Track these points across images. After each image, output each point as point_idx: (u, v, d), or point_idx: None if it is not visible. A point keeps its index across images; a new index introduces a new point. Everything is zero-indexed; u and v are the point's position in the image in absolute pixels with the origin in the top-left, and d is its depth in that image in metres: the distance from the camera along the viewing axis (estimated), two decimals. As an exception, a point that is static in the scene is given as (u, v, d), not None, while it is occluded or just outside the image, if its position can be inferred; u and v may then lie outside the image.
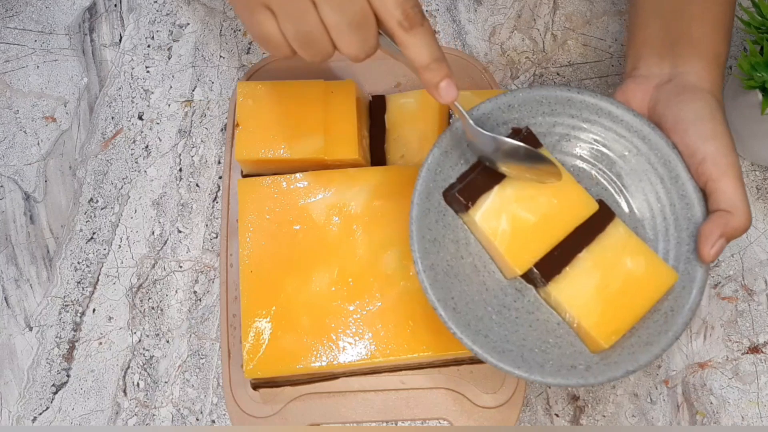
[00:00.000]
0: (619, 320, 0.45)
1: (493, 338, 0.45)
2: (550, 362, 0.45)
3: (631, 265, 0.46)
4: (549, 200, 0.47)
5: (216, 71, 0.66)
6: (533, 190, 0.47)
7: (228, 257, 0.59)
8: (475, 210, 0.46)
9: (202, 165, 0.63)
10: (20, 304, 0.59)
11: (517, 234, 0.46)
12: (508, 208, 0.46)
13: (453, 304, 0.45)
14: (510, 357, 0.44)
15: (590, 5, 0.68)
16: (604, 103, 0.49)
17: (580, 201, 0.47)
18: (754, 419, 0.56)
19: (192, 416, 0.57)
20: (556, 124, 0.50)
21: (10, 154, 0.64)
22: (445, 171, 0.48)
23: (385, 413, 0.56)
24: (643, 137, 0.49)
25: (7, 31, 0.67)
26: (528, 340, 0.46)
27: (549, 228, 0.46)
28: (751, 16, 0.55)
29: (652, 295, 0.46)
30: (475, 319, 0.45)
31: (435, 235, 0.47)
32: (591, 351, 0.46)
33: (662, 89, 0.49)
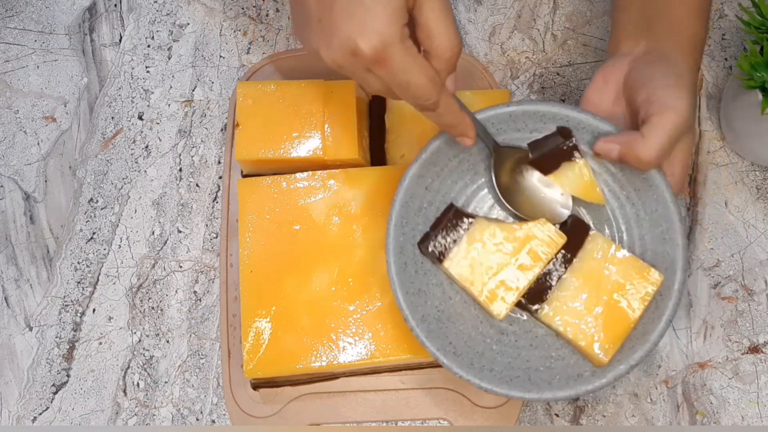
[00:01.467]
0: (613, 332, 0.46)
1: (498, 369, 0.46)
2: (557, 377, 0.46)
3: (617, 274, 0.47)
4: (518, 239, 0.47)
5: (216, 71, 0.66)
6: (502, 230, 0.48)
7: (228, 257, 0.59)
8: (449, 261, 0.47)
9: (202, 165, 0.63)
10: (20, 304, 0.59)
11: (493, 278, 0.47)
12: (480, 252, 0.47)
13: (452, 349, 0.46)
14: (518, 383, 0.45)
15: (590, 5, 0.68)
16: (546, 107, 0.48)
17: (548, 235, 0.48)
18: (754, 419, 0.56)
19: (192, 416, 0.57)
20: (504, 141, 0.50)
21: (10, 154, 0.64)
22: (412, 220, 0.48)
23: (385, 413, 0.56)
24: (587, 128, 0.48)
25: (7, 31, 0.67)
26: (532, 360, 0.47)
27: (524, 265, 0.47)
28: (751, 16, 0.55)
29: (641, 300, 0.46)
30: (477, 356, 0.46)
31: (418, 285, 0.48)
32: (593, 365, 0.46)
33: (637, 60, 0.50)
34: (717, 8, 0.67)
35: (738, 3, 0.67)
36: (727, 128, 0.61)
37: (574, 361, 0.47)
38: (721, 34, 0.66)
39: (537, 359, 0.47)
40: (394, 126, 0.59)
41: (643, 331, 0.45)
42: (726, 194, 0.61)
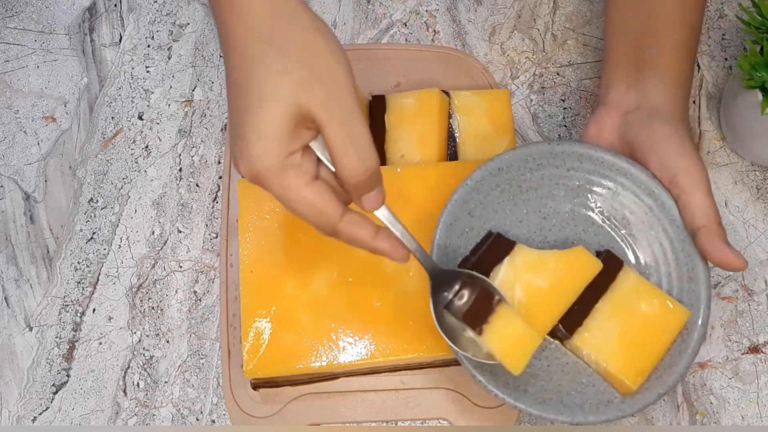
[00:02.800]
0: (643, 361, 0.48)
1: (532, 391, 0.47)
2: (588, 402, 0.47)
3: (646, 308, 0.49)
4: (557, 265, 0.49)
5: (216, 71, 0.66)
6: (541, 257, 0.49)
7: (228, 257, 0.59)
8: (492, 279, 0.48)
9: (202, 165, 0.63)
10: (20, 304, 0.59)
11: (532, 302, 0.48)
12: (521, 277, 0.49)
13: (489, 368, 0.47)
14: (551, 405, 0.47)
15: (590, 5, 0.68)
16: (584, 149, 0.52)
17: (585, 262, 0.50)
18: (754, 419, 0.56)
19: (192, 416, 0.57)
20: (543, 176, 0.53)
21: (10, 154, 0.64)
22: (454, 242, 0.50)
23: (385, 413, 0.56)
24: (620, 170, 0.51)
25: (7, 31, 0.67)
26: (563, 384, 0.49)
27: (561, 291, 0.49)
28: (751, 16, 0.55)
29: (669, 333, 0.48)
30: (512, 378, 0.47)
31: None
32: (620, 393, 0.48)
33: (630, 116, 0.52)
34: (717, 8, 0.67)
35: (738, 3, 0.67)
36: (727, 128, 0.61)
37: (603, 388, 0.48)
38: (721, 34, 0.66)
39: (568, 384, 0.49)
40: (394, 126, 0.59)
41: (670, 363, 0.48)
42: (726, 194, 0.61)
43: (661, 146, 0.50)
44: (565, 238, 0.53)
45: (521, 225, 0.53)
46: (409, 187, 0.56)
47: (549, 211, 0.53)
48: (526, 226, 0.53)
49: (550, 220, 0.53)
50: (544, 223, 0.53)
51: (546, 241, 0.53)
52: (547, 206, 0.53)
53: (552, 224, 0.53)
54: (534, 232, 0.53)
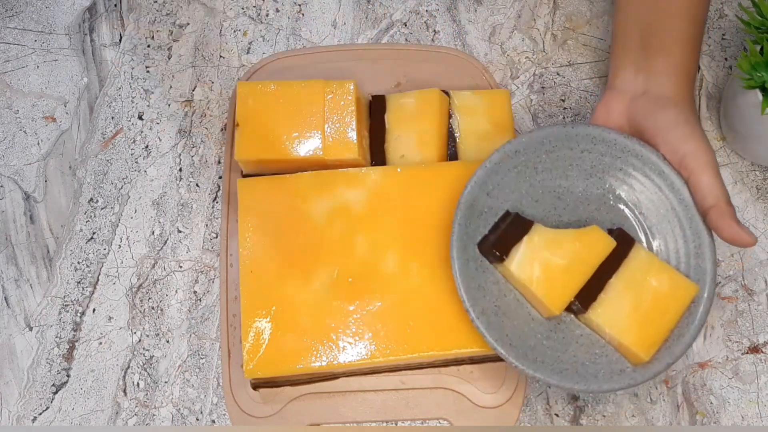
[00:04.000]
0: (654, 334, 0.50)
1: (549, 362, 0.50)
2: (602, 371, 0.50)
3: (657, 283, 0.51)
4: (573, 243, 0.51)
5: (216, 71, 0.66)
6: (558, 236, 0.51)
7: (228, 257, 0.59)
8: (510, 261, 0.51)
9: (202, 165, 0.63)
10: (20, 304, 0.59)
11: (550, 278, 0.50)
12: (539, 255, 0.51)
13: (509, 341, 0.50)
14: (568, 375, 0.49)
15: (590, 5, 0.68)
16: (598, 132, 0.53)
17: (600, 240, 0.51)
18: (754, 419, 0.56)
19: (192, 416, 0.57)
20: (558, 158, 0.54)
21: (10, 154, 0.64)
22: (474, 222, 0.52)
23: (385, 413, 0.56)
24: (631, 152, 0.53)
25: (7, 31, 0.67)
26: (578, 355, 0.51)
27: (577, 268, 0.51)
28: (751, 16, 0.55)
29: (678, 307, 0.50)
30: (530, 349, 0.50)
31: (478, 281, 0.51)
32: (632, 364, 0.50)
33: (638, 101, 0.53)
34: (717, 8, 0.67)
35: (738, 3, 0.67)
36: (727, 128, 0.61)
37: (616, 358, 0.51)
38: (721, 34, 0.66)
39: (583, 355, 0.51)
40: (394, 126, 0.59)
41: (678, 334, 0.50)
42: (726, 194, 0.61)
43: (669, 130, 0.51)
44: (578, 218, 0.55)
45: (537, 205, 0.55)
46: (409, 187, 0.56)
47: (563, 192, 0.55)
48: (541, 206, 0.55)
49: (565, 200, 0.55)
50: (559, 203, 0.55)
51: (560, 220, 0.55)
52: (561, 187, 0.55)
53: (566, 204, 0.55)
54: (549, 212, 0.55)
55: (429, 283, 0.53)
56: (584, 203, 0.55)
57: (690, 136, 0.51)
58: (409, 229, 0.55)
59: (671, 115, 0.52)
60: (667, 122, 0.51)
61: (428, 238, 0.55)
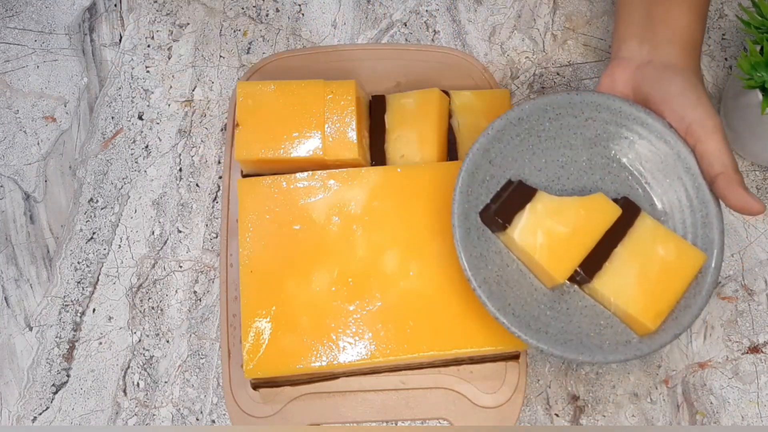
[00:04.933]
0: (660, 303, 0.49)
1: (552, 333, 0.49)
2: (607, 342, 0.49)
3: (663, 252, 0.50)
4: (577, 211, 0.50)
5: (216, 71, 0.66)
6: (562, 203, 0.50)
7: (228, 257, 0.59)
8: (513, 229, 0.50)
9: (202, 165, 0.63)
10: (20, 304, 0.59)
11: (554, 246, 0.49)
12: (542, 223, 0.50)
13: (511, 310, 0.49)
14: (572, 346, 0.48)
15: (590, 5, 0.68)
16: (602, 99, 0.53)
17: (604, 208, 0.51)
18: (754, 419, 0.56)
19: (192, 416, 0.57)
20: (562, 126, 0.53)
21: (10, 154, 0.64)
22: (475, 190, 0.51)
23: (385, 413, 0.56)
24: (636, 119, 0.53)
25: (7, 31, 0.67)
26: (583, 326, 0.50)
27: (581, 236, 0.50)
28: (751, 16, 0.55)
29: (685, 276, 0.50)
30: (533, 320, 0.49)
31: (480, 250, 0.50)
32: (639, 335, 0.49)
33: (644, 70, 0.52)
34: (717, 8, 0.67)
35: (738, 3, 0.67)
36: (727, 128, 0.61)
37: (621, 329, 0.50)
38: (721, 34, 0.66)
39: (588, 325, 0.50)
40: (394, 126, 0.59)
41: (685, 305, 0.49)
42: (726, 194, 0.61)
43: (675, 98, 0.51)
44: (582, 186, 0.54)
45: (540, 173, 0.54)
46: (410, 186, 0.56)
47: (567, 160, 0.54)
48: (544, 174, 0.54)
49: (568, 168, 0.54)
50: (562, 171, 0.54)
51: (564, 189, 0.54)
52: (565, 155, 0.54)
53: (570, 172, 0.54)
54: (552, 181, 0.54)
55: (429, 283, 0.53)
56: (588, 172, 0.54)
57: (696, 104, 0.50)
58: (409, 229, 0.55)
59: (677, 82, 0.51)
60: (673, 90, 0.51)
61: (428, 238, 0.55)
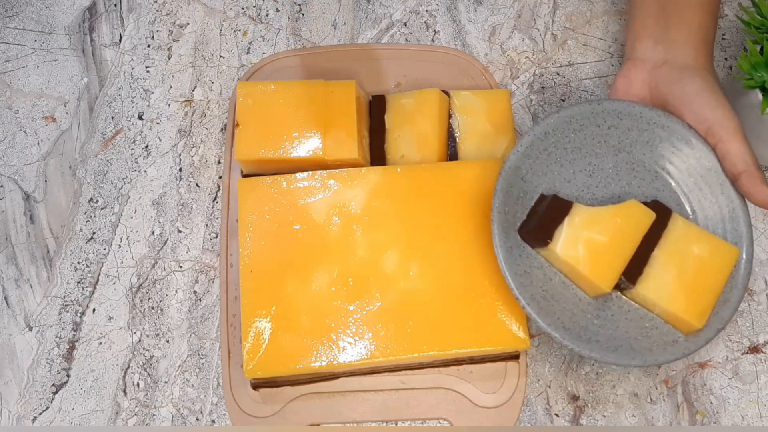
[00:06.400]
0: (703, 301, 0.51)
1: (603, 341, 0.50)
2: (655, 344, 0.50)
3: (698, 250, 0.51)
4: (613, 219, 0.51)
5: (216, 71, 0.66)
6: (598, 213, 0.51)
7: (228, 257, 0.59)
8: (554, 243, 0.51)
9: (202, 165, 0.63)
10: (20, 304, 0.59)
11: (596, 256, 0.50)
12: (582, 234, 0.51)
13: (561, 324, 0.50)
14: (623, 352, 0.50)
15: (590, 5, 0.68)
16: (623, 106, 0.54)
17: (639, 214, 0.52)
18: (754, 419, 0.56)
19: (192, 416, 0.57)
20: (586, 136, 0.55)
21: (10, 154, 0.64)
22: (511, 208, 0.52)
23: (385, 413, 0.56)
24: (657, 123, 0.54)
25: (7, 31, 0.67)
26: (630, 331, 0.51)
27: (621, 244, 0.51)
28: (751, 16, 0.55)
29: (723, 272, 0.51)
30: (582, 330, 0.50)
31: (524, 267, 0.51)
32: (684, 333, 0.51)
33: (660, 71, 0.54)
34: (717, 8, 0.67)
35: (738, 3, 0.67)
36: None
37: (667, 330, 0.51)
38: (721, 34, 0.66)
39: (634, 330, 0.51)
40: (394, 126, 0.59)
41: (723, 300, 0.51)
42: (726, 194, 0.61)
43: (694, 100, 0.52)
44: (611, 193, 0.55)
45: (570, 184, 0.55)
46: (409, 187, 0.56)
47: (594, 169, 0.55)
48: (574, 185, 0.55)
49: (596, 176, 0.55)
50: (591, 180, 0.55)
51: (594, 197, 0.55)
52: (591, 164, 0.55)
53: (598, 181, 0.55)
54: (582, 191, 0.55)
55: (429, 283, 0.53)
56: (615, 179, 0.55)
57: (716, 105, 0.51)
58: (409, 229, 0.55)
59: (696, 83, 0.52)
60: (691, 91, 0.52)
61: (428, 238, 0.55)
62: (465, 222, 0.55)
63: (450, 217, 0.55)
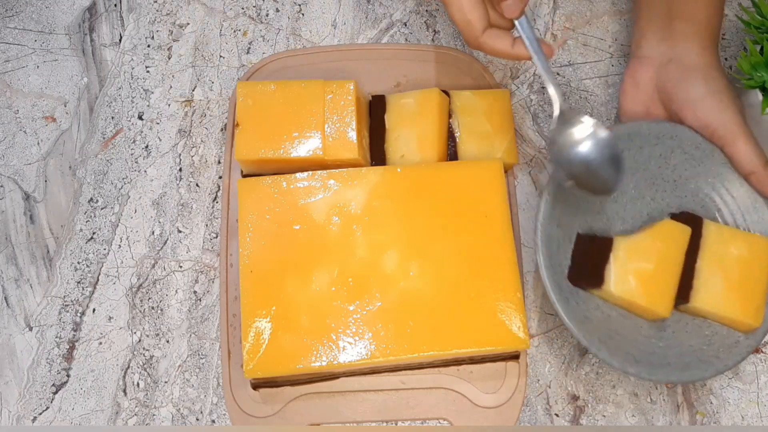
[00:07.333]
0: (755, 299, 0.52)
1: (673, 362, 0.51)
2: (720, 350, 0.52)
3: (736, 251, 0.53)
4: (653, 244, 0.52)
5: (216, 71, 0.66)
6: (637, 241, 0.52)
7: (228, 257, 0.59)
8: (607, 283, 0.52)
9: (202, 165, 0.63)
10: (20, 304, 0.59)
11: (648, 285, 0.51)
12: (629, 267, 0.52)
13: (633, 358, 0.51)
14: (695, 366, 0.51)
15: (590, 5, 0.68)
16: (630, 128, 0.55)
17: (676, 232, 0.53)
18: (754, 419, 0.56)
19: (192, 416, 0.57)
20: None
21: (10, 154, 0.64)
22: (555, 258, 0.53)
23: (385, 413, 0.56)
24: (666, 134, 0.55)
25: (7, 31, 0.67)
26: (694, 344, 0.53)
27: (667, 266, 0.52)
28: (751, 16, 0.55)
29: (764, 266, 0.53)
30: (653, 356, 0.52)
31: (583, 313, 0.52)
32: (743, 332, 0.52)
33: (666, 70, 0.55)
34: (717, 8, 0.67)
35: (738, 3, 0.67)
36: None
37: (726, 332, 0.53)
38: (721, 34, 0.66)
39: (697, 341, 0.53)
40: (394, 126, 0.59)
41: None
42: (726, 194, 0.61)
43: (698, 105, 0.53)
44: (639, 212, 0.56)
45: (600, 216, 0.56)
46: (409, 187, 0.56)
47: (618, 195, 0.56)
48: (604, 215, 0.56)
49: (621, 201, 0.56)
50: (617, 206, 0.56)
51: (625, 222, 0.56)
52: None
53: (624, 204, 0.56)
54: (612, 219, 0.56)
55: (429, 283, 0.53)
56: (639, 197, 0.56)
57: (719, 108, 0.52)
58: (408, 229, 0.55)
59: (699, 87, 0.53)
60: (695, 95, 0.53)
61: (428, 238, 0.55)
62: (465, 222, 0.55)
63: (450, 217, 0.55)
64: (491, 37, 0.51)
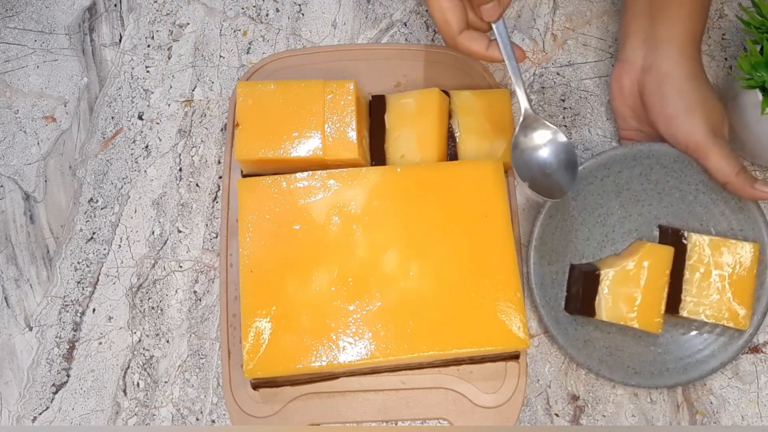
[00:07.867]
0: (744, 300, 0.55)
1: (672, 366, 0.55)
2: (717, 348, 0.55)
3: (723, 257, 0.55)
4: (639, 269, 0.55)
5: (216, 71, 0.66)
6: (622, 268, 0.55)
7: (228, 257, 0.59)
8: (599, 314, 0.55)
9: (202, 165, 0.63)
10: (20, 304, 0.59)
11: (638, 309, 0.54)
12: (618, 294, 0.55)
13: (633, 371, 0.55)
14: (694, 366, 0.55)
15: (590, 5, 0.68)
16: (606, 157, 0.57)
17: (660, 253, 0.55)
18: (754, 419, 0.56)
19: (192, 416, 0.57)
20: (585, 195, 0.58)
21: (10, 154, 0.64)
22: (550, 293, 0.56)
23: (385, 413, 0.56)
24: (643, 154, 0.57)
25: (7, 31, 0.67)
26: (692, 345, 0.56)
27: (654, 288, 0.54)
28: (751, 16, 0.55)
29: (750, 267, 0.55)
30: (653, 365, 0.55)
31: (584, 337, 0.56)
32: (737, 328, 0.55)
33: (646, 77, 0.56)
34: (717, 8, 0.67)
35: (738, 3, 0.67)
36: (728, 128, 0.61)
37: (721, 330, 0.56)
38: (721, 34, 0.66)
39: (695, 342, 0.56)
40: (394, 126, 0.59)
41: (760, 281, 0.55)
42: (726, 194, 0.61)
43: (671, 122, 0.55)
44: (627, 230, 0.59)
45: (590, 242, 0.59)
46: (409, 187, 0.56)
47: (605, 217, 0.59)
48: (594, 240, 0.59)
49: (609, 223, 0.59)
50: (605, 228, 0.59)
51: (614, 242, 0.59)
52: (600, 215, 0.59)
53: (612, 226, 0.59)
54: (601, 243, 0.59)
55: (429, 283, 0.53)
56: (627, 216, 0.59)
57: (690, 128, 0.54)
58: (409, 229, 0.55)
59: (673, 103, 0.54)
60: (670, 112, 0.54)
61: (428, 238, 0.55)
62: (465, 222, 0.55)
63: (450, 217, 0.55)
64: (467, 39, 0.54)
